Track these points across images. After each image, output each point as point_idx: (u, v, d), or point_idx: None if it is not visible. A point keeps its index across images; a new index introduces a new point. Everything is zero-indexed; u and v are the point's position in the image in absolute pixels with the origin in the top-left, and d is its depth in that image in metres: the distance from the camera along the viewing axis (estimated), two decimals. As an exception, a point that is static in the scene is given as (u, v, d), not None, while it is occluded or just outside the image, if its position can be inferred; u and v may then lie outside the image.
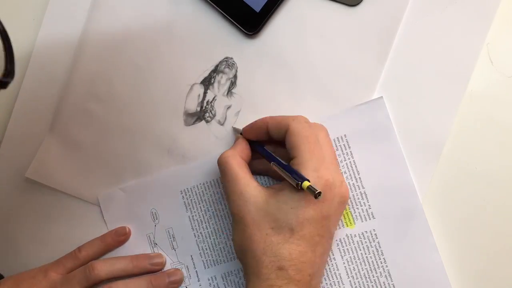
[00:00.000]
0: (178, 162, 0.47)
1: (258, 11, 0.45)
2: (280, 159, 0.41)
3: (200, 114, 0.47)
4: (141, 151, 0.48)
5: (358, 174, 0.44)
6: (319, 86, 0.45)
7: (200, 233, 0.47)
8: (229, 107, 0.47)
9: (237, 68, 0.47)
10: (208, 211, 0.47)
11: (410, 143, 0.44)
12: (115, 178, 0.48)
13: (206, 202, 0.47)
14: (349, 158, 0.44)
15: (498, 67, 0.44)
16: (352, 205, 0.44)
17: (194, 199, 0.47)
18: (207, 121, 0.47)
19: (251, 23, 0.46)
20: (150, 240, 0.48)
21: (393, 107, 0.44)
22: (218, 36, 0.47)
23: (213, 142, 0.47)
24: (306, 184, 0.37)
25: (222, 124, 0.47)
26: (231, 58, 0.47)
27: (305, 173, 0.39)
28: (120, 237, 0.47)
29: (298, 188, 0.38)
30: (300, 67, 0.46)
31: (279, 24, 0.46)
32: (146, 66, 0.48)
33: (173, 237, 0.47)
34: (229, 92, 0.47)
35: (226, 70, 0.47)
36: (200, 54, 0.47)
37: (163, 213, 0.47)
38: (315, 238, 0.39)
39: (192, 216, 0.47)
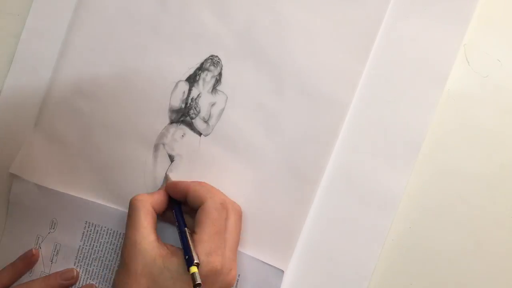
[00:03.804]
0: (163, 158, 0.48)
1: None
2: (185, 228, 0.42)
3: (185, 111, 0.48)
4: (126, 148, 0.48)
5: None
6: (303, 83, 0.46)
7: (80, 265, 0.48)
8: (213, 104, 0.47)
9: (222, 66, 0.47)
10: (97, 253, 0.48)
11: (390, 141, 0.45)
12: (100, 175, 0.48)
13: (100, 245, 0.48)
14: None
15: (474, 67, 0.45)
16: None
17: (92, 235, 0.48)
18: (191, 118, 0.48)
19: (236, 21, 0.46)
20: (38, 242, 0.48)
21: (373, 106, 0.46)
22: (204, 33, 0.47)
23: (197, 139, 0.47)
24: (192, 269, 0.39)
25: (206, 121, 0.47)
26: (216, 56, 0.47)
27: (197, 252, 0.40)
28: (28, 259, 0.48)
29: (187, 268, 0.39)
30: (283, 65, 0.46)
31: (263, 23, 0.47)
32: (131, 63, 0.48)
33: (57, 253, 0.48)
34: (214, 89, 0.47)
35: (211, 68, 0.47)
36: (185, 51, 0.47)
37: (60, 228, 0.48)
38: None
39: (83, 247, 0.48)
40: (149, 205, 0.43)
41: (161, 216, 0.45)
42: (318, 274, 0.46)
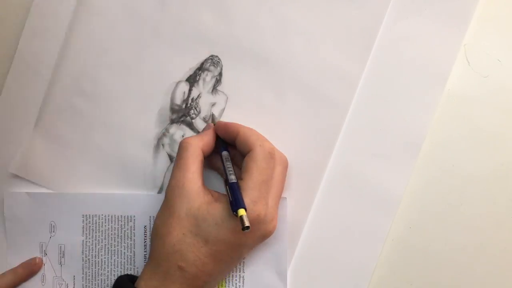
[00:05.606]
0: (163, 158, 0.48)
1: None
2: (232, 171, 0.42)
3: (185, 111, 0.48)
4: (126, 148, 0.48)
5: (244, 258, 0.46)
6: (303, 84, 0.46)
7: (88, 259, 0.48)
8: (213, 104, 0.47)
9: (222, 66, 0.47)
10: (101, 242, 0.48)
11: (391, 141, 0.45)
12: (100, 175, 0.48)
13: (102, 233, 0.48)
14: None
15: (475, 67, 0.45)
16: (228, 285, 0.46)
17: (92, 226, 0.48)
18: (192, 118, 0.48)
19: (236, 21, 0.46)
20: (42, 249, 0.48)
21: (373, 106, 0.46)
22: (204, 33, 0.47)
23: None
24: (240, 212, 0.39)
25: (206, 121, 0.47)
26: (216, 56, 0.47)
27: (243, 198, 0.40)
28: (31, 267, 0.48)
29: (233, 212, 0.40)
30: (283, 65, 0.46)
31: (263, 22, 0.47)
32: (132, 63, 0.48)
33: (63, 254, 0.48)
34: (214, 89, 0.47)
35: (211, 68, 0.47)
36: (185, 51, 0.48)
37: (60, 229, 0.48)
38: (224, 257, 0.41)
39: (86, 241, 0.48)
40: (199, 150, 0.43)
41: (206, 161, 0.45)
42: (318, 274, 0.46)
